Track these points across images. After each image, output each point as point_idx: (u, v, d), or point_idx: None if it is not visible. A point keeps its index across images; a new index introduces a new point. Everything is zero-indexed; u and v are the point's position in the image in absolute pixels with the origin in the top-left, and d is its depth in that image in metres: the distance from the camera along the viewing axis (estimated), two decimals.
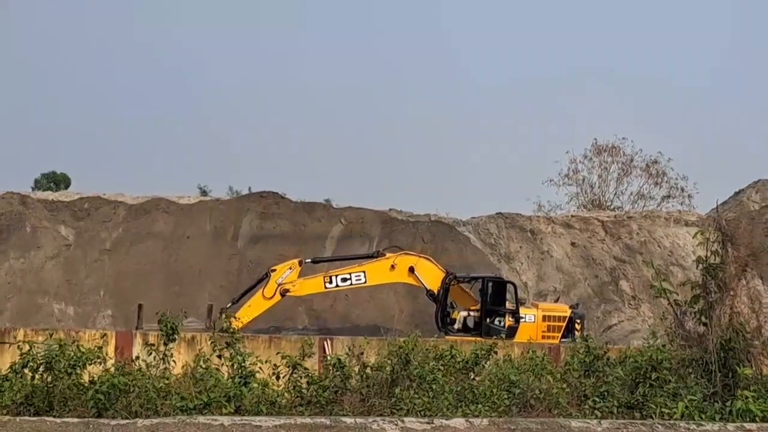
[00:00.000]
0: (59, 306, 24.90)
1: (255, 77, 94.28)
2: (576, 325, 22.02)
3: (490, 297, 22.07)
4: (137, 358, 11.45)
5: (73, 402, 9.24)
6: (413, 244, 25.98)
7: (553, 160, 53.08)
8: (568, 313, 22.24)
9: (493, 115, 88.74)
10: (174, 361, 10.86)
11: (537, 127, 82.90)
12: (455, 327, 21.99)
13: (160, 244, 26.27)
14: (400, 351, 10.89)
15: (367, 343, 12.66)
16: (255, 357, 10.47)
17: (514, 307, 21.95)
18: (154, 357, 10.59)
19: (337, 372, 10.53)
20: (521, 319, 21.75)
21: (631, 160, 40.83)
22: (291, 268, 21.63)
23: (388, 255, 22.30)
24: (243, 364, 10.02)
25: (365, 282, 22.02)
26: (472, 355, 12.10)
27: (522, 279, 27.38)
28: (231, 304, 21.22)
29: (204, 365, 10.21)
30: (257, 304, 21.20)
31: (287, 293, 21.46)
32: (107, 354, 10.82)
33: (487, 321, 21.70)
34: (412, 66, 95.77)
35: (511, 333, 21.27)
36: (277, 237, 26.38)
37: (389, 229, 27.44)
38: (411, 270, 21.95)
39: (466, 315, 22.19)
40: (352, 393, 10.29)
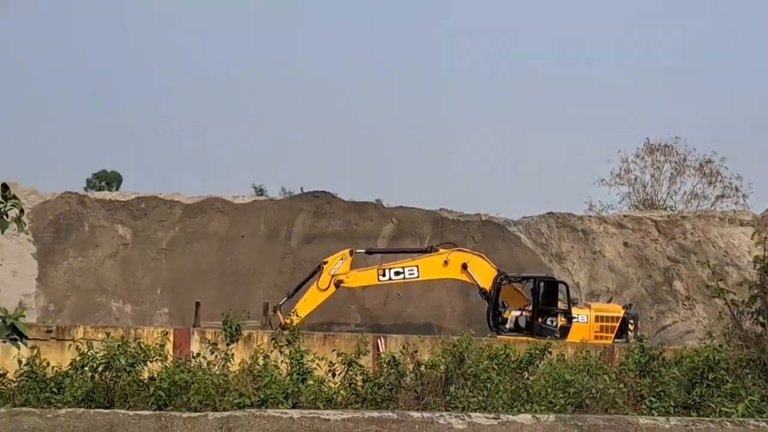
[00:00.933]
0: (117, 304, 25.42)
1: (316, 76, 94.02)
2: (629, 326, 21.84)
3: (542, 297, 22.01)
4: (197, 355, 11.68)
5: (133, 398, 9.37)
6: (464, 243, 25.88)
7: (606, 159, 55.94)
8: (621, 314, 22.06)
9: (547, 111, 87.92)
10: (232, 359, 11.10)
11: (586, 128, 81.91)
12: (507, 326, 21.95)
13: (215, 243, 26.65)
14: (454, 349, 10.97)
15: (421, 341, 12.71)
16: (312, 354, 10.64)
17: (566, 307, 21.86)
18: (216, 356, 10.81)
19: (392, 370, 10.61)
20: (573, 319, 21.63)
21: (684, 159, 40.34)
22: (342, 258, 21.83)
23: (441, 251, 22.31)
24: (301, 361, 10.19)
25: (418, 276, 22.09)
26: (526, 355, 12.09)
27: (574, 279, 27.22)
28: (286, 298, 21.49)
29: (261, 362, 10.41)
30: (313, 296, 21.41)
31: (341, 284, 21.63)
32: (168, 351, 11.08)
33: (539, 321, 21.64)
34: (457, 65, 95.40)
35: (564, 333, 21.20)
36: (330, 236, 26.58)
37: (440, 229, 27.48)
38: (464, 267, 21.94)
39: (518, 314, 22.13)
40: (406, 391, 10.40)
